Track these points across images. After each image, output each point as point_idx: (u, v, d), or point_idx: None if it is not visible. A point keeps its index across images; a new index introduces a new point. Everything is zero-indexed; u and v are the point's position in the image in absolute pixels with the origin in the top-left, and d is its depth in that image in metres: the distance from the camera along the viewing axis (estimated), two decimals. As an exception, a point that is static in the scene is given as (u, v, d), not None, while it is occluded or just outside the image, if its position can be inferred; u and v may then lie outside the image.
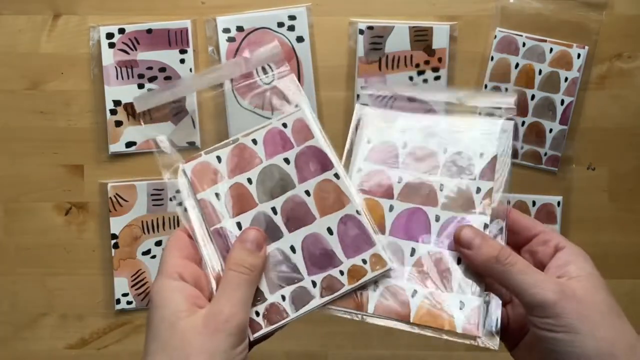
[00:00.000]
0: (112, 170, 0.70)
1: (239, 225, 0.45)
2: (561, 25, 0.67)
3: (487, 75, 0.68)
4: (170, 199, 0.69)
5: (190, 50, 0.68)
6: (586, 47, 0.67)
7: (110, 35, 0.68)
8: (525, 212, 0.68)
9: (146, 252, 0.70)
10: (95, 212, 0.70)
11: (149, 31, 0.68)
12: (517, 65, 0.68)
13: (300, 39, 0.68)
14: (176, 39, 0.68)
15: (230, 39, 0.68)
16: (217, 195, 0.46)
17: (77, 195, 0.70)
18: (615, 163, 0.69)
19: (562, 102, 0.68)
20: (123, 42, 0.68)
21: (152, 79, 0.69)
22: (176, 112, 0.69)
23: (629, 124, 0.69)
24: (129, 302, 0.70)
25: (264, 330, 0.43)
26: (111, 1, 0.68)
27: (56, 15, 0.68)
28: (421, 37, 0.68)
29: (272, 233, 0.44)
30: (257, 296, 0.42)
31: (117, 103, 0.69)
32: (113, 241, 0.69)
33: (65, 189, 0.70)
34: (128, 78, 0.69)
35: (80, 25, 0.68)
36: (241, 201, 0.45)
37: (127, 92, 0.69)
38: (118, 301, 0.70)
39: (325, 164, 0.46)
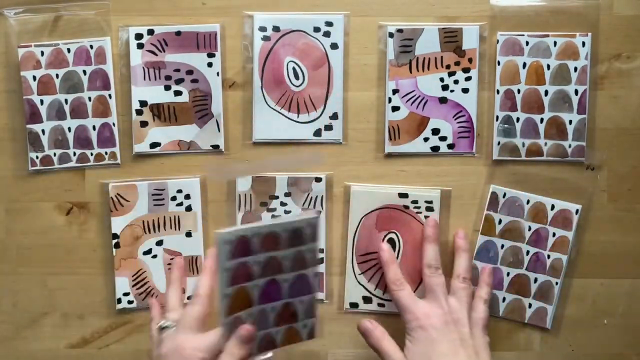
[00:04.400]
0: (114, 170, 0.70)
1: None
2: (560, 17, 0.68)
3: (497, 80, 0.68)
4: (172, 199, 0.70)
5: (218, 54, 0.68)
6: (589, 34, 0.67)
7: (139, 36, 0.68)
8: (542, 212, 0.69)
9: (147, 252, 0.70)
10: (96, 212, 0.70)
11: (178, 33, 0.68)
12: (524, 65, 0.68)
13: (334, 46, 0.68)
14: (204, 42, 0.68)
15: (265, 38, 0.68)
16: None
17: (78, 195, 0.70)
18: (614, 163, 0.69)
19: (576, 92, 0.68)
20: (152, 44, 0.68)
21: (179, 81, 0.69)
22: (201, 115, 0.69)
23: (627, 124, 0.69)
24: (129, 302, 0.70)
25: None
26: (113, 2, 0.69)
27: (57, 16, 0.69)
28: (451, 39, 0.68)
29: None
30: None
31: (143, 103, 0.69)
32: (114, 241, 0.70)
33: (66, 189, 0.70)
34: (155, 79, 0.69)
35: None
36: None
37: (153, 93, 0.69)
38: (119, 301, 0.70)
39: None
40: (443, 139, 0.69)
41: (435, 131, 0.69)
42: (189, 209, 0.70)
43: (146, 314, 0.69)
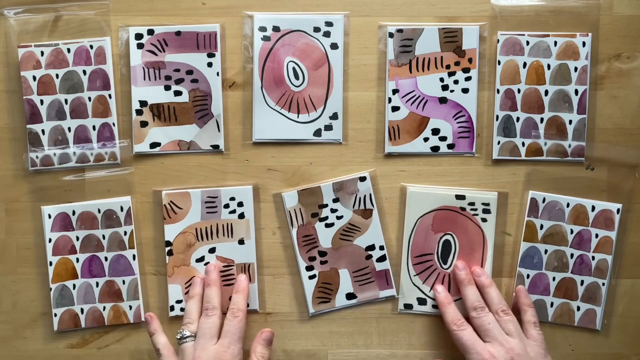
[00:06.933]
0: (113, 171, 0.70)
1: None
2: (560, 17, 0.68)
3: (497, 79, 0.68)
4: (224, 207, 0.69)
5: (218, 54, 0.68)
6: (589, 34, 0.67)
7: (139, 36, 0.68)
8: (583, 214, 0.69)
9: (200, 259, 0.70)
10: (96, 212, 0.70)
11: (178, 33, 0.68)
12: (525, 65, 0.68)
13: (334, 46, 0.69)
14: (204, 42, 0.68)
15: (265, 38, 0.68)
16: None
17: (78, 196, 0.70)
18: (614, 163, 0.69)
19: (577, 92, 0.68)
20: (151, 44, 0.68)
21: (179, 81, 0.69)
22: (201, 115, 0.69)
23: (627, 124, 0.69)
24: (182, 309, 0.70)
25: None
26: (113, 2, 0.69)
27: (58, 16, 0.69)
28: (451, 39, 0.68)
29: None
30: None
31: (143, 103, 0.69)
32: (167, 248, 0.69)
33: (66, 189, 0.70)
34: (155, 79, 0.69)
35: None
36: None
37: (153, 93, 0.69)
38: (172, 308, 0.70)
39: None
40: (443, 139, 0.69)
41: (435, 131, 0.69)
42: (241, 216, 0.69)
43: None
